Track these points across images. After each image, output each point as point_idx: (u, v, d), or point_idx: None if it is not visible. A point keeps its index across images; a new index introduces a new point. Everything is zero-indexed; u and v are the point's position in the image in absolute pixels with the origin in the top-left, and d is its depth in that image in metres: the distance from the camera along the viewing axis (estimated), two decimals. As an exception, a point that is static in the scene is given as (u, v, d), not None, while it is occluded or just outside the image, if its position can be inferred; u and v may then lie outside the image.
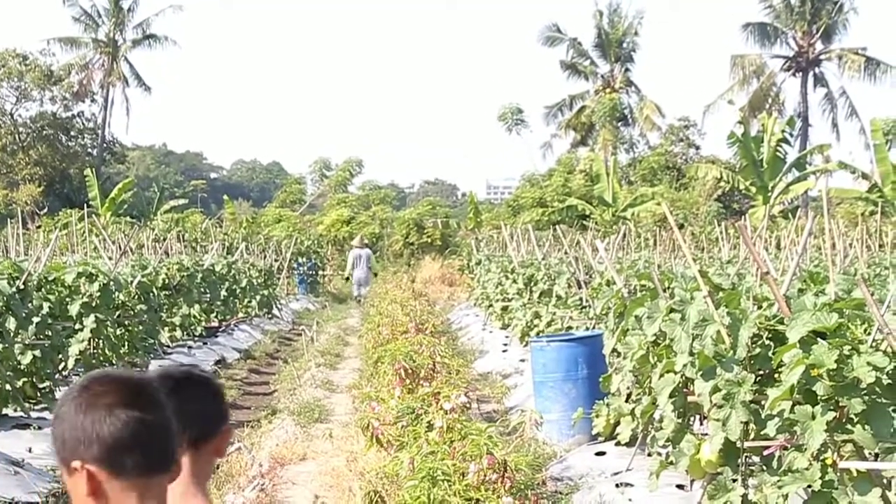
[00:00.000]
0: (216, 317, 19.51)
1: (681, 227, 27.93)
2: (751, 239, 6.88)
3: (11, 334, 9.67)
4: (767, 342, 6.12)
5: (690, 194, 42.78)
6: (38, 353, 10.05)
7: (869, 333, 5.38)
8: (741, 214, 38.15)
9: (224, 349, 17.38)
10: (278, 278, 28.46)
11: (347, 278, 29.95)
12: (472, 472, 5.10)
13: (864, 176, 39.50)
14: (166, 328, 16.54)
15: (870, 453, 5.30)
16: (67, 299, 11.90)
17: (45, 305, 10.71)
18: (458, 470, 5.17)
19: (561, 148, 57.08)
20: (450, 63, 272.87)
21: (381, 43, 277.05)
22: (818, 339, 5.36)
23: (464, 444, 5.43)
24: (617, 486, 7.87)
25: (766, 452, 5.65)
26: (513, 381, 13.69)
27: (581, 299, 12.89)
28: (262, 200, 78.92)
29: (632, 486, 7.77)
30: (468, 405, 6.33)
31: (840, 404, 5.20)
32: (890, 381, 5.13)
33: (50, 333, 10.52)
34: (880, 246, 19.68)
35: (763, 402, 5.78)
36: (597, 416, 9.19)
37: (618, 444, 8.78)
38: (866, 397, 5.15)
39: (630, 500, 7.48)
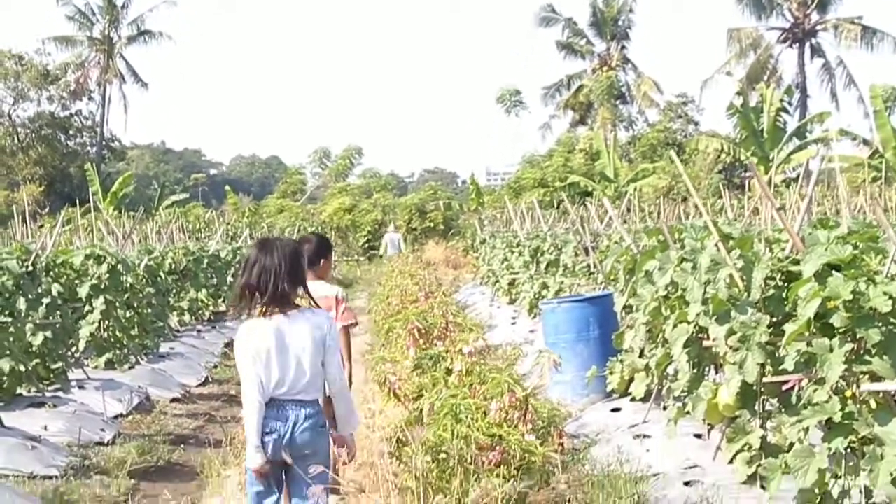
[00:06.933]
0: (224, 302, 19.52)
1: (683, 200, 27.91)
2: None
3: (22, 314, 9.65)
4: (781, 284, 6.10)
5: (692, 168, 42.72)
6: (49, 334, 10.02)
7: (884, 264, 5.36)
8: (743, 189, 38.10)
9: (234, 332, 17.24)
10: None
11: (381, 256, 34.93)
12: (494, 410, 5.11)
13: (865, 142, 39.43)
14: (175, 312, 16.55)
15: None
16: (76, 282, 11.90)
17: (55, 288, 10.68)
18: (479, 408, 5.18)
19: (560, 128, 57.09)
20: (446, 51, 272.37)
21: (376, 34, 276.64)
22: (833, 272, 5.35)
23: (484, 388, 5.43)
24: (635, 437, 7.86)
25: (785, 388, 5.63)
26: (523, 352, 13.66)
27: (588, 266, 12.89)
28: (262, 195, 78.78)
29: (649, 437, 7.77)
30: (486, 350, 6.34)
31: (857, 336, 5.18)
32: (906, 311, 5.10)
33: (60, 315, 10.50)
34: (884, 211, 19.71)
35: (778, 344, 5.76)
36: (611, 374, 9.21)
37: (633, 399, 8.79)
38: (883, 328, 5.12)
39: (648, 450, 7.48)
